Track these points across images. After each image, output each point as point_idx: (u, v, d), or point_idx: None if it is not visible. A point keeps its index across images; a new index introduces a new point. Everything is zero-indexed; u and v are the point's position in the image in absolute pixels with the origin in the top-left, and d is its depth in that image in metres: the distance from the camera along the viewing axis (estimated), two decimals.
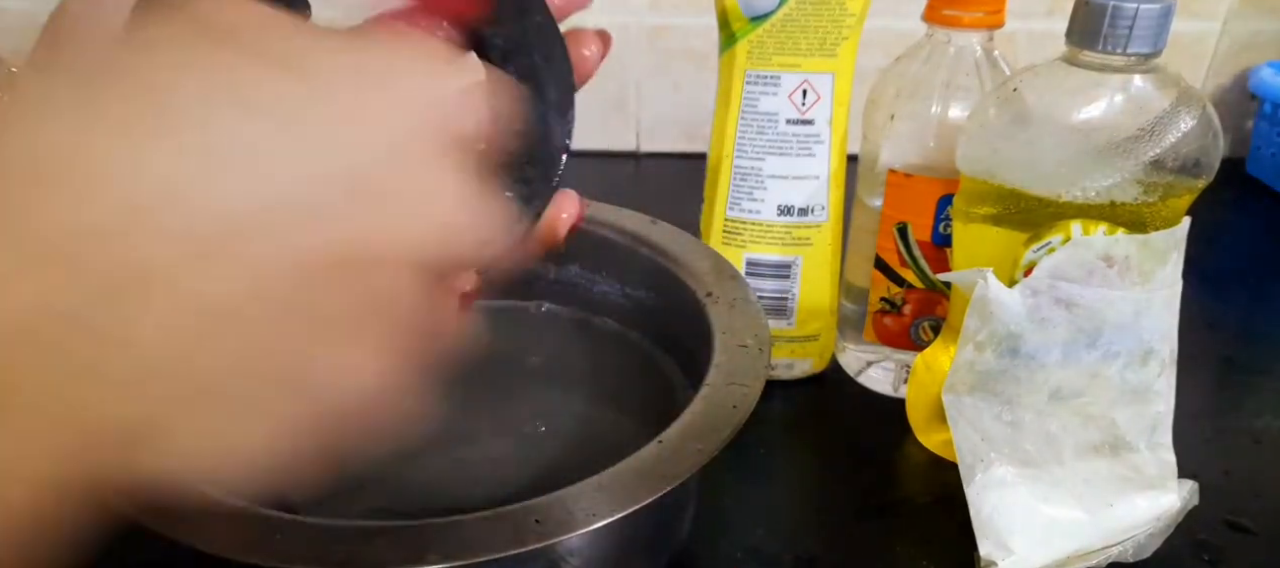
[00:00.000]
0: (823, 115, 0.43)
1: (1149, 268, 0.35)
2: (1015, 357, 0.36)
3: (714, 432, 0.30)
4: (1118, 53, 0.34)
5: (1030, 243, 0.37)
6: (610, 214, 0.46)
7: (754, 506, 0.40)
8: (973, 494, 0.36)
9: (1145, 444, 0.38)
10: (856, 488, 0.41)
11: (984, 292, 0.36)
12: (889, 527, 0.39)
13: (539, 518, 0.27)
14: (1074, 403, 0.37)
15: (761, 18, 0.41)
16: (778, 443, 0.44)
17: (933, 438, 0.43)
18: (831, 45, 0.42)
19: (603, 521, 0.27)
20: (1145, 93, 0.35)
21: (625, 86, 0.77)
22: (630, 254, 0.44)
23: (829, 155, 0.44)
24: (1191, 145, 0.34)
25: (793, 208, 0.45)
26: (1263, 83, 0.75)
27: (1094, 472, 0.37)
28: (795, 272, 0.46)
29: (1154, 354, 0.37)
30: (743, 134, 0.44)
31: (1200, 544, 0.38)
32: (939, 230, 0.43)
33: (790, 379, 0.48)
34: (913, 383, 0.44)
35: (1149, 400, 0.37)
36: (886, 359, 0.48)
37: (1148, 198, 0.35)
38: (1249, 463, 0.43)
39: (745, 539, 0.38)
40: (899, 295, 0.46)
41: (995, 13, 0.41)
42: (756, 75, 0.43)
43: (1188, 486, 0.38)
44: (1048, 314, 0.36)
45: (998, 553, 0.35)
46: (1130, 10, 0.33)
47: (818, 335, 0.47)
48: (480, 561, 0.25)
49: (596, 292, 0.46)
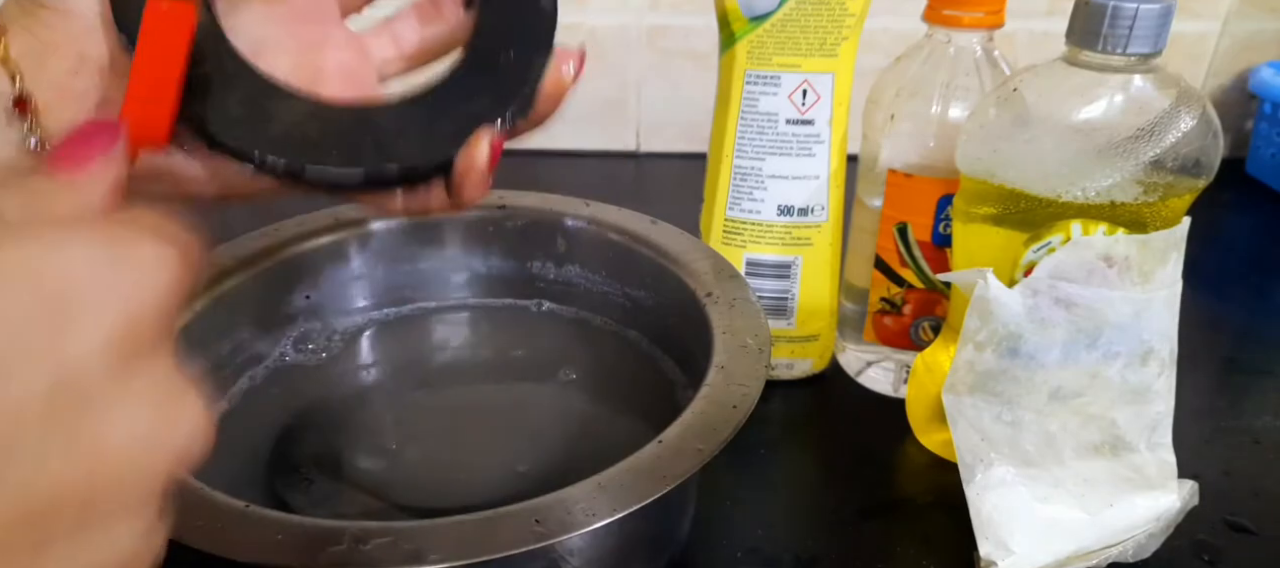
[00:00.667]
0: (823, 115, 0.43)
1: (1149, 268, 0.35)
2: (1015, 357, 0.36)
3: (714, 432, 0.31)
4: (1118, 53, 0.34)
5: (1030, 243, 0.37)
6: (610, 214, 0.46)
7: (754, 506, 0.40)
8: (973, 494, 0.36)
9: (1145, 444, 0.38)
10: (856, 488, 0.41)
11: (984, 292, 0.36)
12: (889, 527, 0.39)
13: (539, 518, 0.27)
14: (1074, 403, 0.37)
15: (761, 18, 0.41)
16: (778, 443, 0.44)
17: (933, 438, 0.43)
18: (831, 45, 0.42)
19: (603, 521, 0.27)
20: (1145, 93, 0.35)
21: (625, 86, 0.77)
22: (630, 254, 0.44)
23: (829, 155, 0.44)
24: (1191, 145, 0.34)
25: (793, 208, 0.45)
26: (1263, 83, 0.75)
27: (1094, 472, 0.37)
28: (795, 272, 0.46)
29: (1154, 354, 0.37)
30: (743, 134, 0.44)
31: (1200, 544, 0.38)
32: (939, 230, 0.43)
33: (790, 379, 0.48)
34: (913, 383, 0.44)
35: (1149, 400, 0.37)
36: (886, 359, 0.48)
37: (1148, 198, 0.35)
38: (1249, 463, 0.43)
39: (745, 539, 0.38)
40: (899, 295, 0.46)
41: (995, 13, 0.41)
42: (756, 75, 0.43)
43: (1188, 486, 0.38)
44: (1048, 314, 0.36)
45: (998, 553, 0.35)
46: (1130, 10, 0.33)
47: (818, 335, 0.47)
48: (480, 561, 0.25)
49: (596, 292, 0.46)
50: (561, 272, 0.47)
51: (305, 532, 0.27)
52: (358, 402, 0.42)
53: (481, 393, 0.44)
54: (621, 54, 0.75)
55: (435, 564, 0.25)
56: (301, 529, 0.27)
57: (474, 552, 0.25)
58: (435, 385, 0.44)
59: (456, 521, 0.27)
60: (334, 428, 0.41)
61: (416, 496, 0.37)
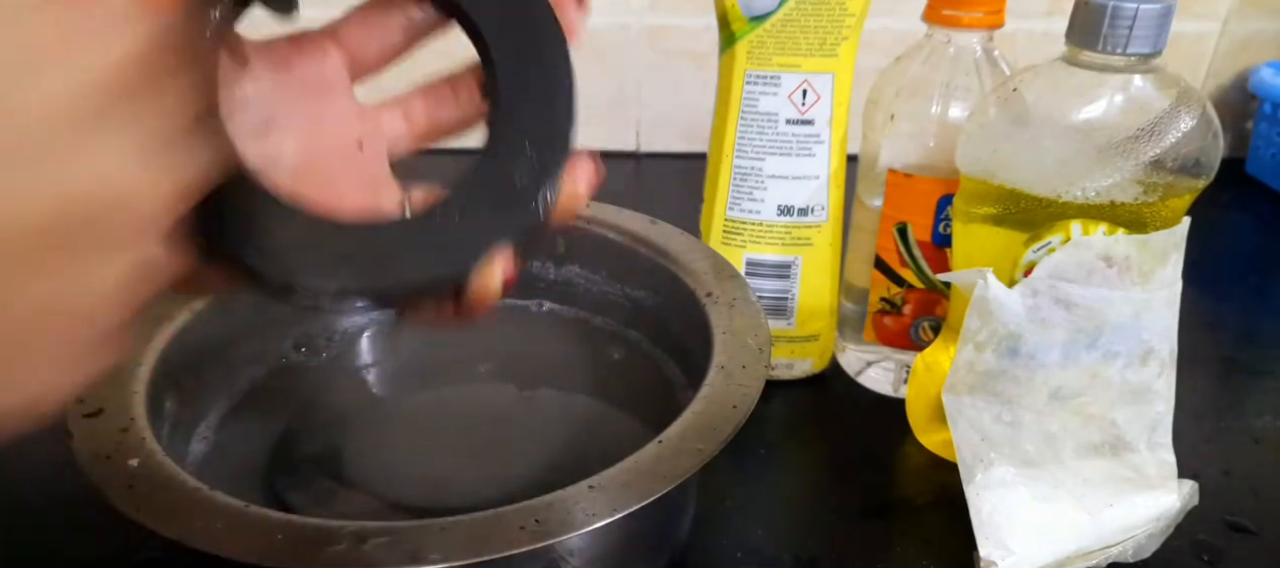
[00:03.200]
0: (823, 115, 0.43)
1: (1149, 268, 0.35)
2: (1015, 357, 0.36)
3: (714, 432, 0.30)
4: (1118, 53, 0.34)
5: (1030, 243, 0.37)
6: (610, 214, 0.46)
7: (754, 506, 0.40)
8: (973, 494, 0.36)
9: (1145, 444, 0.38)
10: (856, 488, 0.41)
11: (984, 292, 0.36)
12: (889, 527, 0.39)
13: (539, 518, 0.27)
14: (1074, 403, 0.37)
15: (761, 18, 0.41)
16: (778, 443, 0.44)
17: (933, 438, 0.43)
18: (831, 45, 0.42)
19: (602, 521, 0.27)
20: (1145, 93, 0.35)
21: (625, 86, 0.77)
22: (630, 254, 0.44)
23: (829, 155, 0.44)
24: (1191, 145, 0.34)
25: (793, 208, 0.45)
26: (1263, 83, 0.75)
27: (1094, 472, 0.37)
28: (795, 272, 0.46)
29: (1154, 354, 0.37)
30: (743, 134, 0.44)
31: (1200, 544, 0.38)
32: (939, 230, 0.43)
33: (790, 379, 0.48)
34: (913, 383, 0.44)
35: (1149, 400, 0.37)
36: (886, 359, 0.48)
37: (1148, 198, 0.35)
38: (1249, 463, 0.43)
39: (745, 539, 0.38)
40: (899, 295, 0.46)
41: (995, 13, 0.41)
42: (756, 75, 0.43)
43: (1188, 486, 0.38)
44: (1048, 314, 0.36)
45: (998, 553, 0.35)
46: (1130, 10, 0.33)
47: (818, 335, 0.47)
48: (480, 561, 0.25)
49: (596, 292, 0.46)
50: (562, 272, 0.47)
51: (305, 532, 0.27)
52: (357, 402, 0.42)
53: (481, 393, 0.44)
54: (621, 54, 0.75)
55: (435, 564, 0.25)
56: (301, 529, 0.27)
57: (474, 552, 0.25)
58: (435, 386, 0.44)
59: (456, 521, 0.27)
60: (334, 428, 0.41)
61: (416, 496, 0.37)
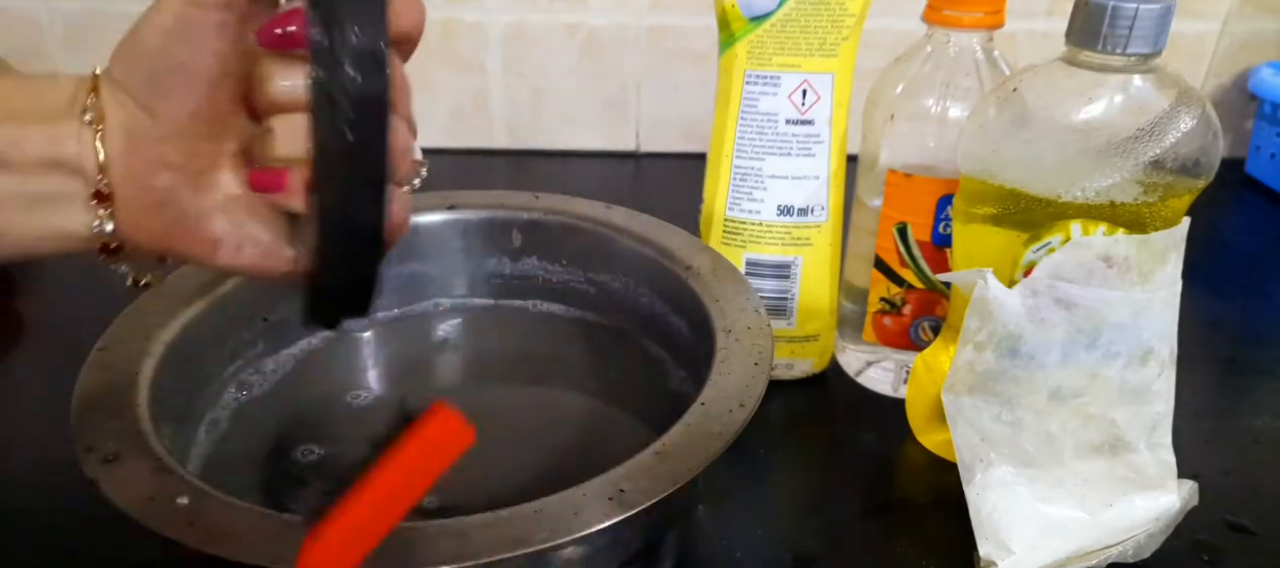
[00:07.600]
0: (823, 115, 0.43)
1: (1148, 268, 0.35)
2: (1015, 357, 0.36)
3: (714, 433, 0.31)
4: (1117, 53, 0.34)
5: (1030, 243, 0.37)
6: (610, 214, 0.46)
7: (754, 506, 0.40)
8: (973, 494, 0.36)
9: (1145, 444, 0.38)
10: (856, 488, 0.41)
11: (984, 292, 0.36)
12: (889, 527, 0.39)
13: (539, 520, 0.27)
14: (1074, 403, 0.37)
15: (761, 18, 0.41)
16: (778, 443, 0.44)
17: (933, 438, 0.43)
18: (831, 45, 0.42)
19: (603, 522, 0.27)
20: (1145, 93, 0.35)
21: (625, 86, 0.77)
22: (628, 253, 0.44)
23: (829, 155, 0.44)
24: (1191, 145, 0.34)
25: (793, 208, 0.45)
26: (1263, 83, 0.75)
27: (1094, 472, 0.37)
28: (795, 272, 0.46)
29: (1154, 354, 0.37)
30: (743, 134, 0.44)
31: (1200, 544, 0.38)
32: (939, 230, 0.43)
33: (790, 379, 0.48)
34: (913, 383, 0.44)
35: (1149, 400, 0.37)
36: (886, 359, 0.48)
37: (1148, 198, 0.35)
38: (1249, 463, 0.43)
39: (745, 539, 0.38)
40: (899, 295, 0.46)
41: (995, 13, 0.41)
42: (756, 75, 0.43)
43: (1188, 486, 0.38)
44: (1047, 314, 0.36)
45: (997, 553, 0.35)
46: (1130, 10, 0.33)
47: (818, 335, 0.47)
48: (481, 562, 0.25)
49: (594, 291, 0.46)
50: (561, 271, 0.47)
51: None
52: (357, 402, 0.42)
53: (481, 394, 0.44)
54: (621, 54, 0.75)
55: (435, 565, 0.25)
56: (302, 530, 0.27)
57: (474, 552, 0.25)
58: (435, 386, 0.44)
59: (456, 521, 0.27)
60: (333, 429, 0.41)
61: None
